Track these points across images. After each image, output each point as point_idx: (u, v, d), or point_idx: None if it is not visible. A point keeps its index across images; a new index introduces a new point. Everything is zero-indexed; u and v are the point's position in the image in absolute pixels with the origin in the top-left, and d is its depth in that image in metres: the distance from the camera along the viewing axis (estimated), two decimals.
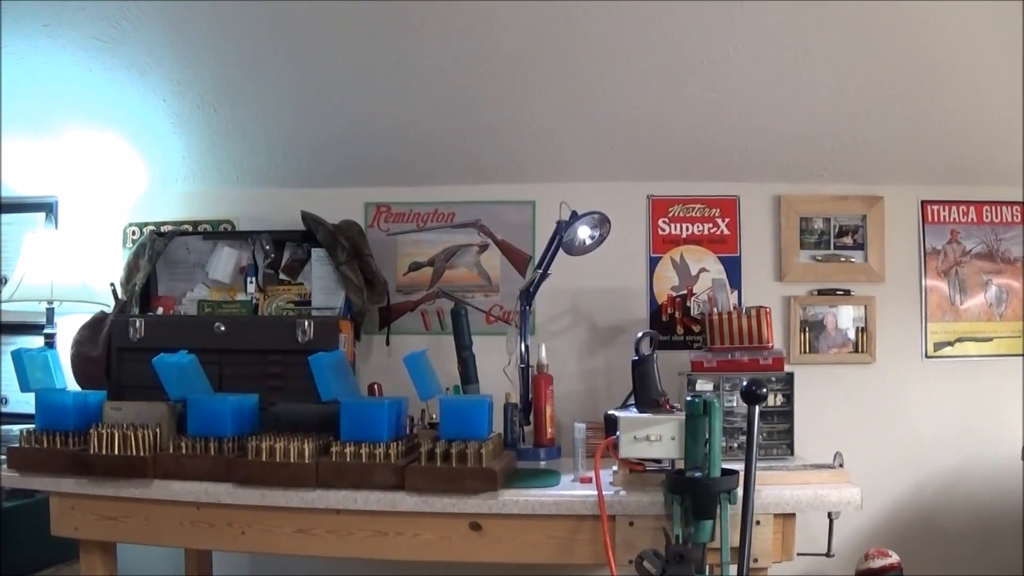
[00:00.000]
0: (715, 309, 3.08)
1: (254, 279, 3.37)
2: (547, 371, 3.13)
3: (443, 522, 2.42)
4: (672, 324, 3.45)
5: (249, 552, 3.20)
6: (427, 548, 2.43)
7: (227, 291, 3.39)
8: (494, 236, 3.54)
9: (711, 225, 3.49)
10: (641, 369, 2.70)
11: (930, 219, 3.46)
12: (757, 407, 2.21)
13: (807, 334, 3.42)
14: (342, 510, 2.44)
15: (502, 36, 2.95)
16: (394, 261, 3.57)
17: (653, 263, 3.49)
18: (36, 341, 3.54)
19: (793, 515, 2.36)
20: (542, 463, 2.96)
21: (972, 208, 3.46)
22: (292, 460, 2.45)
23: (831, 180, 3.46)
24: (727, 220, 3.49)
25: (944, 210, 3.47)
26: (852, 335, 3.42)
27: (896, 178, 3.44)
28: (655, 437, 2.31)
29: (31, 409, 2.76)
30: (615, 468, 2.47)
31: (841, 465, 2.52)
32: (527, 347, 3.14)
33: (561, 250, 3.13)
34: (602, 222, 3.12)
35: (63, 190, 3.75)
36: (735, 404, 2.88)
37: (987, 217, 3.46)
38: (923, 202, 3.46)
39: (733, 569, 2.16)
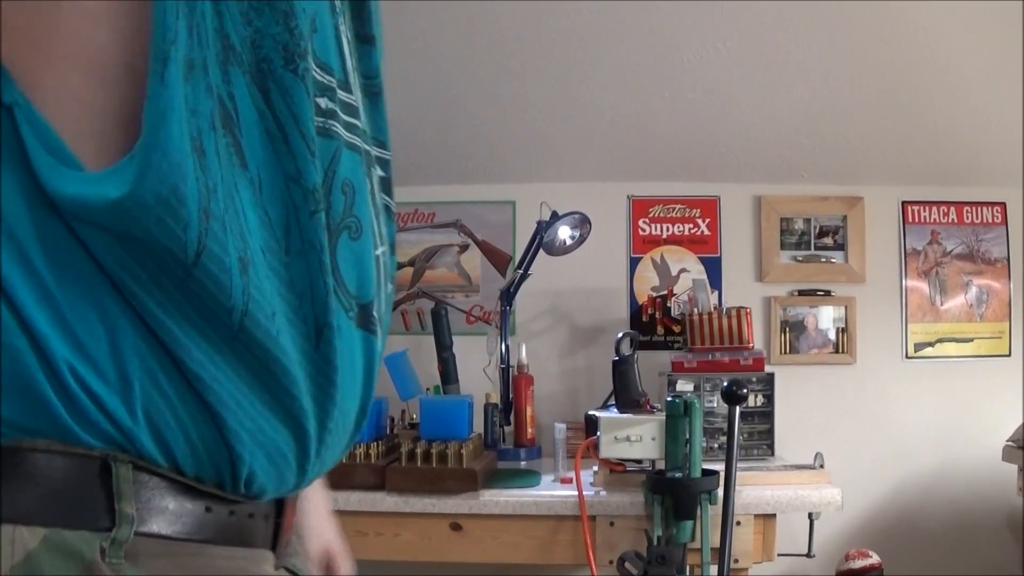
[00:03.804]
0: (695, 309, 3.08)
1: None
2: (527, 371, 3.12)
3: (423, 522, 2.41)
4: (652, 324, 3.44)
5: None
6: (407, 548, 2.43)
7: None
8: (474, 236, 3.52)
9: (691, 225, 3.48)
10: (621, 369, 2.69)
11: (911, 220, 3.46)
12: (738, 407, 2.21)
13: (787, 334, 3.42)
14: None
15: (484, 36, 2.94)
16: None
17: (634, 263, 3.48)
18: None
19: (774, 515, 2.37)
20: (522, 463, 2.95)
21: (953, 209, 3.47)
22: None
23: (812, 180, 3.46)
24: (707, 220, 3.48)
25: (925, 211, 3.47)
26: (832, 336, 3.42)
27: (877, 179, 3.45)
28: (635, 437, 2.31)
29: None
30: (595, 468, 2.47)
31: (822, 466, 2.53)
32: (507, 347, 3.13)
33: (541, 250, 3.12)
34: (582, 222, 3.12)
35: None
36: (715, 404, 2.88)
37: (968, 218, 3.47)
38: (904, 203, 3.47)
39: (714, 570, 2.16)
